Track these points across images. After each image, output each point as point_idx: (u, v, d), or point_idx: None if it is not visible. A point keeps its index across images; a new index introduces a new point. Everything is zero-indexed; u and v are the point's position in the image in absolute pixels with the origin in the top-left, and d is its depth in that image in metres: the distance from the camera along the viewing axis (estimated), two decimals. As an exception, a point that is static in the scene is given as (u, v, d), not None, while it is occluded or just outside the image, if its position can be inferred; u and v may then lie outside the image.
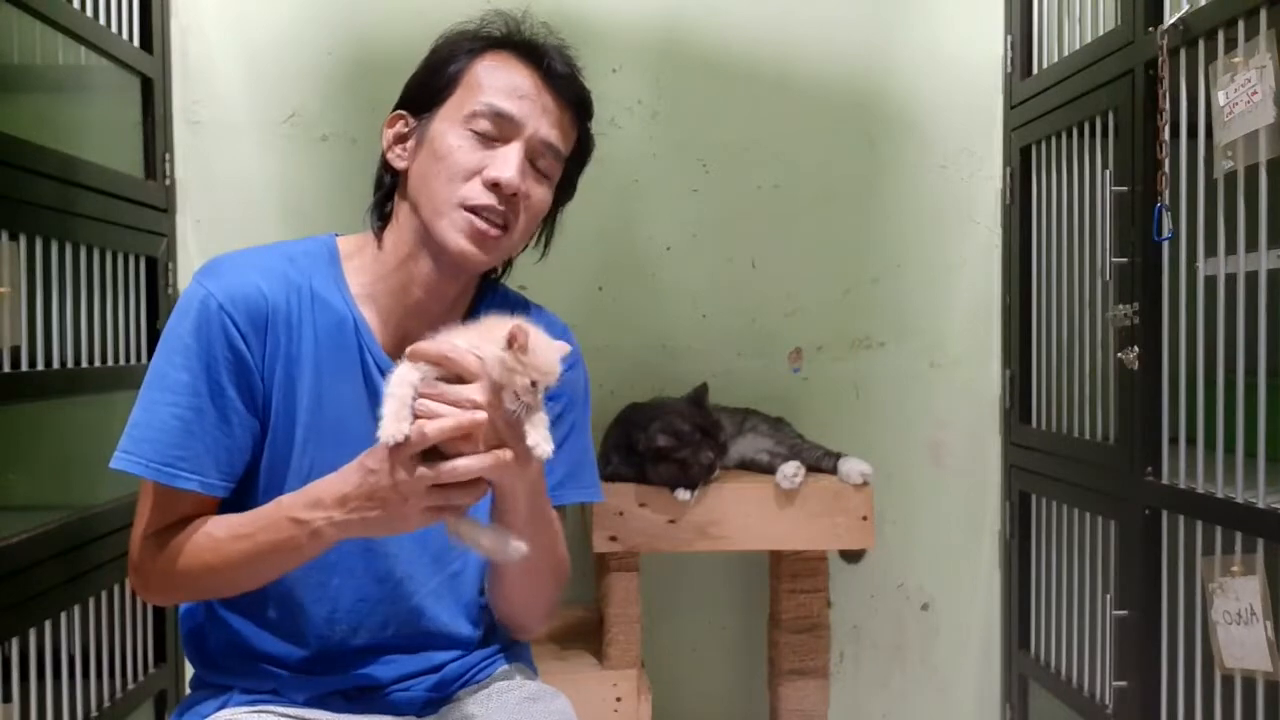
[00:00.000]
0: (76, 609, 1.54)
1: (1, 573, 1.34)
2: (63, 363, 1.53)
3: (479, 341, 1.00)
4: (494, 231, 1.12)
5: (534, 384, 0.98)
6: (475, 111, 1.13)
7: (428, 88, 1.17)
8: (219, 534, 1.09)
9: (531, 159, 1.15)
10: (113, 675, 1.65)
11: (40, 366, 1.47)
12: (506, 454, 1.00)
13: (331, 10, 2.01)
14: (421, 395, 0.99)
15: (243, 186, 2.00)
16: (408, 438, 0.96)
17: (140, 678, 1.74)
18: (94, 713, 1.58)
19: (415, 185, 1.15)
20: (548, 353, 1.01)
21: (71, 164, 1.55)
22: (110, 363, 1.67)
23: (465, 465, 0.98)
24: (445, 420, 0.97)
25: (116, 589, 1.66)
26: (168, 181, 1.92)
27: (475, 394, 0.98)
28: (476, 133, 1.13)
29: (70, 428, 1.64)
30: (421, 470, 0.98)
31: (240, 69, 2.00)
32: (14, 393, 1.41)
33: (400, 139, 1.18)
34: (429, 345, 1.01)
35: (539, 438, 0.99)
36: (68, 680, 1.50)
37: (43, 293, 1.47)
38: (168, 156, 1.93)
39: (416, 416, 0.98)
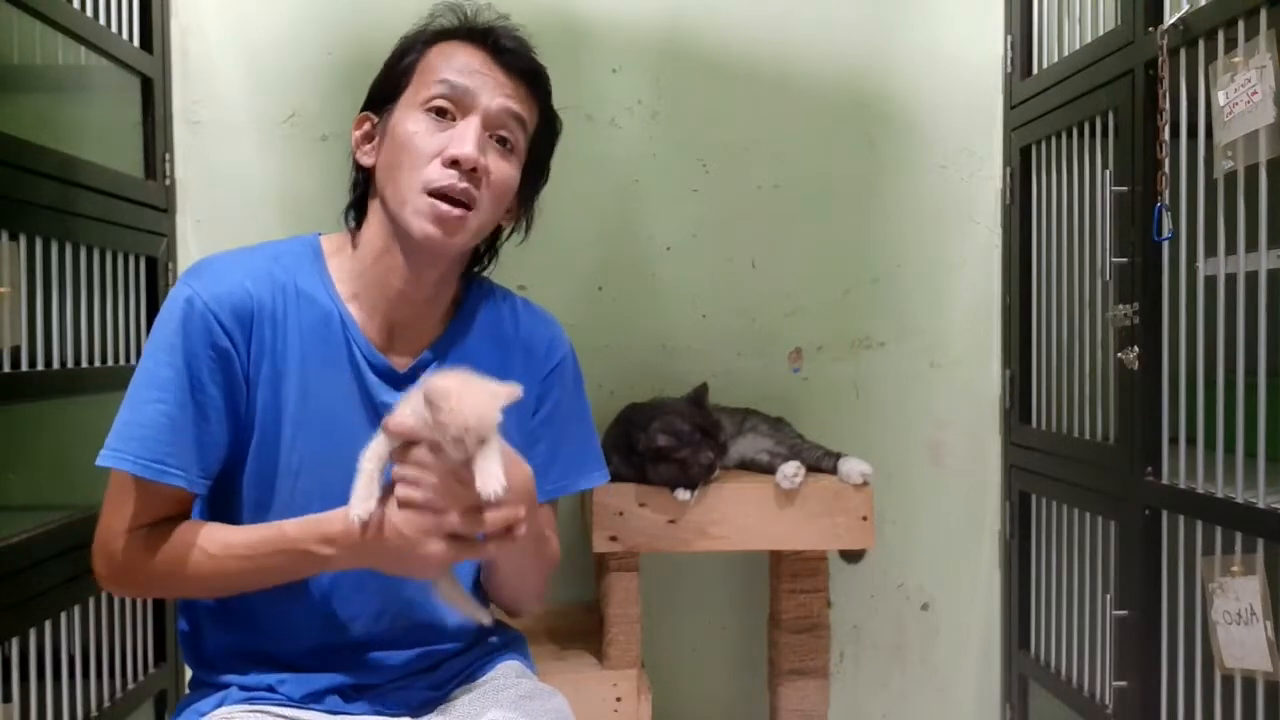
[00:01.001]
0: (76, 609, 1.53)
1: (1, 573, 1.34)
2: (63, 363, 1.53)
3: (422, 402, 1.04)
4: (456, 212, 1.14)
5: (458, 439, 1.00)
6: (430, 94, 1.16)
7: (386, 84, 1.21)
8: (213, 549, 1.10)
9: (492, 133, 1.17)
10: (113, 675, 1.65)
11: (40, 366, 1.47)
12: (519, 512, 1.05)
13: (331, 10, 2.01)
14: (396, 461, 1.05)
15: (243, 186, 1.99)
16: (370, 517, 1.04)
17: (140, 678, 1.74)
18: (94, 713, 1.57)
19: (382, 178, 1.18)
20: (475, 403, 1.02)
21: (71, 164, 1.55)
22: (110, 363, 1.67)
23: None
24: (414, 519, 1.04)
25: (116, 589, 1.66)
26: (168, 181, 1.92)
27: (424, 456, 1.03)
28: (433, 112, 1.15)
29: (70, 428, 1.64)
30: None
31: (240, 69, 2.00)
32: (14, 393, 1.41)
33: (367, 138, 1.22)
34: (388, 419, 1.05)
35: (484, 479, 1.02)
36: (68, 680, 1.50)
37: (43, 293, 1.47)
38: (168, 156, 1.93)
39: (392, 483, 1.05)
